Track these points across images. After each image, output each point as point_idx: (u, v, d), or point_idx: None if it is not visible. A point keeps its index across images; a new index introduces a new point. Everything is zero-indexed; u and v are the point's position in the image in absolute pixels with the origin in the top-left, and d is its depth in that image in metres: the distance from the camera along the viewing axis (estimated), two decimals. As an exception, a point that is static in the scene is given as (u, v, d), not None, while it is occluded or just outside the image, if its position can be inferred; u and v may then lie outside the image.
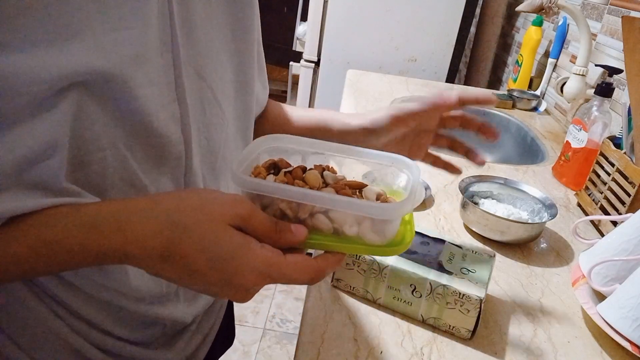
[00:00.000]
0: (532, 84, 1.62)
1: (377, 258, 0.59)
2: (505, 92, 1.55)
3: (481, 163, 0.66)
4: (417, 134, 0.64)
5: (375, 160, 0.45)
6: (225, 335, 0.76)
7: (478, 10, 2.11)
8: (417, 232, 0.67)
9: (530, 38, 1.58)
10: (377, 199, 0.42)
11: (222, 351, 0.76)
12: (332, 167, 0.45)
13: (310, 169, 0.44)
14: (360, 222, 0.40)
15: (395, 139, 0.63)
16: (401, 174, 0.45)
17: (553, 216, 0.78)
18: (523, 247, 0.79)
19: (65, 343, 0.50)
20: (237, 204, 0.38)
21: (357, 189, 0.43)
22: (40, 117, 0.36)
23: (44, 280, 0.47)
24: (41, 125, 0.37)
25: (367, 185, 0.43)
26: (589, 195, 0.93)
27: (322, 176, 0.43)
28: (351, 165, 0.46)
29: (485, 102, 0.62)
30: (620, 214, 0.81)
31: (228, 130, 0.55)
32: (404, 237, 0.42)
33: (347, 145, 0.46)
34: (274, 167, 0.44)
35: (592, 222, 0.89)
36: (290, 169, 0.44)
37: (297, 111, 0.71)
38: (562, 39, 1.45)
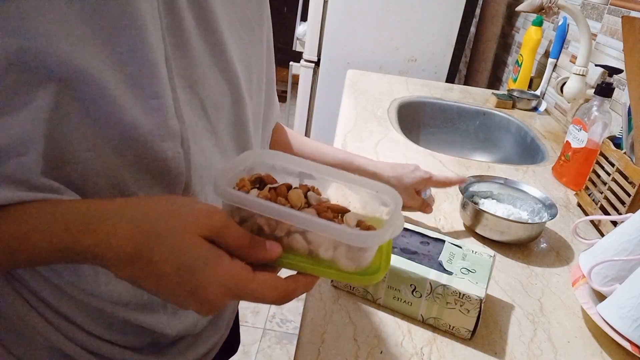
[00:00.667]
0: (532, 84, 1.62)
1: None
2: (505, 92, 1.55)
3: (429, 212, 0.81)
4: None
5: (361, 186, 0.45)
6: (230, 344, 0.76)
7: (478, 10, 2.11)
8: (417, 232, 0.67)
9: (530, 38, 1.58)
10: (358, 226, 0.41)
11: (225, 359, 0.76)
12: (317, 189, 0.44)
13: (295, 188, 0.43)
14: (336, 247, 0.40)
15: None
16: (385, 203, 0.44)
17: (553, 216, 0.78)
18: (523, 247, 0.79)
19: (49, 342, 0.50)
20: (211, 215, 0.37)
21: (339, 213, 0.42)
22: (13, 112, 0.36)
23: (24, 275, 0.47)
24: (15, 121, 0.36)
25: (349, 211, 0.43)
26: (589, 195, 0.93)
27: (305, 196, 0.43)
28: (336, 189, 0.46)
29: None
30: (620, 214, 0.81)
31: (219, 144, 0.54)
32: (380, 266, 0.41)
33: (336, 169, 0.45)
34: (260, 182, 0.44)
35: (592, 222, 0.89)
36: (275, 185, 0.43)
37: (314, 148, 0.76)
38: (562, 39, 1.45)
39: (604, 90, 0.97)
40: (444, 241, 0.65)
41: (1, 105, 0.36)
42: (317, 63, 1.96)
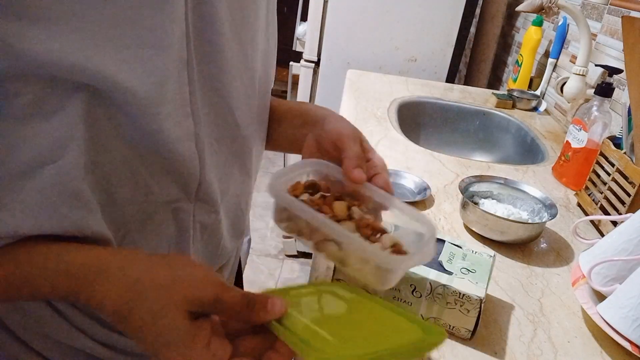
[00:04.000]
0: (532, 84, 1.62)
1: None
2: (505, 92, 1.55)
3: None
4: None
5: (402, 212, 0.47)
6: None
7: (478, 10, 2.10)
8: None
9: (530, 38, 1.58)
10: (392, 246, 0.43)
11: None
12: (362, 205, 0.47)
13: (341, 200, 0.46)
14: (366, 262, 0.42)
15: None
16: (419, 233, 0.46)
17: (553, 216, 0.78)
18: (523, 247, 0.79)
19: (67, 338, 0.51)
20: (204, 287, 0.38)
21: (378, 232, 0.44)
22: (47, 118, 0.37)
23: None
24: (49, 126, 0.38)
25: (387, 232, 0.45)
26: (589, 195, 0.93)
27: (350, 210, 0.45)
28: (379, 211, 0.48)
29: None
30: (620, 214, 0.81)
31: (245, 142, 0.55)
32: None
33: (383, 192, 0.47)
34: (314, 188, 0.47)
35: (592, 222, 0.89)
36: (326, 194, 0.46)
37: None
38: (562, 39, 1.45)
39: (604, 90, 0.97)
40: (444, 241, 0.65)
41: (38, 107, 0.37)
42: (317, 63, 1.96)
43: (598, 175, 0.91)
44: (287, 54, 2.17)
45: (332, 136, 0.52)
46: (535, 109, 1.52)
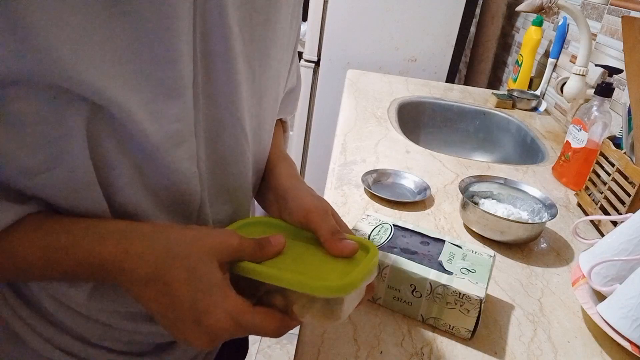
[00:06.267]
0: (532, 84, 1.62)
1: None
2: (505, 92, 1.55)
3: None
4: None
5: None
6: (238, 346, 0.76)
7: (478, 10, 2.10)
8: (417, 232, 0.66)
9: (530, 38, 1.58)
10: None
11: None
12: None
13: None
14: (313, 300, 0.42)
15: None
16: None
17: (553, 216, 0.78)
18: (523, 247, 0.79)
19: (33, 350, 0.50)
20: (228, 239, 0.41)
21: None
22: (46, 128, 0.37)
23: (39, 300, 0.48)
24: (47, 137, 0.37)
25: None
26: (589, 195, 0.93)
27: None
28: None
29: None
30: (620, 214, 0.81)
31: (242, 163, 0.54)
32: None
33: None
34: None
35: (592, 222, 0.89)
36: None
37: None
38: (562, 39, 1.45)
39: (604, 90, 0.97)
40: (444, 241, 0.65)
41: (37, 120, 0.36)
42: (317, 63, 1.96)
43: (598, 175, 0.91)
44: (287, 54, 2.17)
45: (299, 215, 0.50)
46: (535, 109, 1.52)
